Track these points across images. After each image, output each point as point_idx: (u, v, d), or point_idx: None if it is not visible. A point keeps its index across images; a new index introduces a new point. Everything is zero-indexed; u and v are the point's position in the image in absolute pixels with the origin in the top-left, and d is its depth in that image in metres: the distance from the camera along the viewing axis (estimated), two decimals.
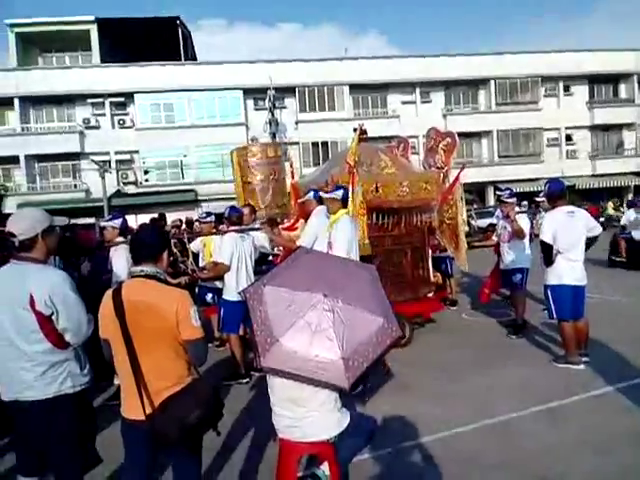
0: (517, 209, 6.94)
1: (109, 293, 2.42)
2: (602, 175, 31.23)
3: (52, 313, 2.42)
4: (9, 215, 2.66)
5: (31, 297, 2.37)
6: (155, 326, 2.31)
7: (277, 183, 7.24)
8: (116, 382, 5.02)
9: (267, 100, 27.39)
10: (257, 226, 5.96)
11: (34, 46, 28.68)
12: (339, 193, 5.07)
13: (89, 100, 27.37)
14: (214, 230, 6.56)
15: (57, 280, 2.48)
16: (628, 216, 11.40)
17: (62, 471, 2.58)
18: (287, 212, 7.31)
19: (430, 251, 6.80)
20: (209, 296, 6.71)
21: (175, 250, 6.54)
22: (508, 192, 6.71)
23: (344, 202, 5.11)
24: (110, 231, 5.41)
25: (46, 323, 2.42)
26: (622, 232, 11.41)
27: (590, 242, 5.14)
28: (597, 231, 5.15)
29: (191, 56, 31.85)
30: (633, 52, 31.27)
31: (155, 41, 27.47)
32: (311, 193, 5.38)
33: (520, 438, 3.69)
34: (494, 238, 7.01)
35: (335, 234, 4.82)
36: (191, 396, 2.34)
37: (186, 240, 6.24)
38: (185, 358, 2.42)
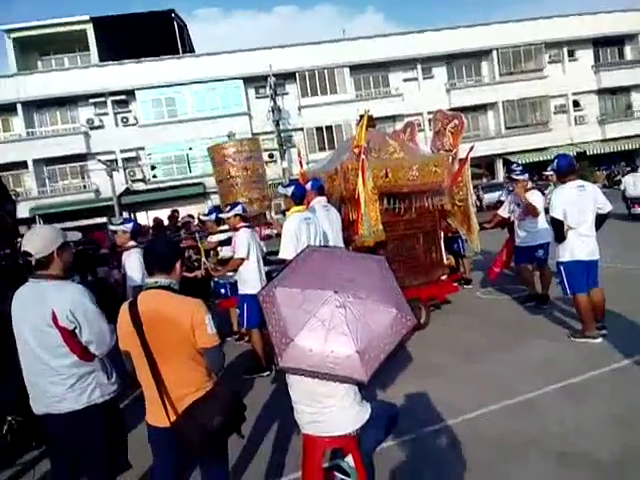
0: (530, 184, 6.84)
1: (125, 306, 2.47)
2: (612, 139, 30.85)
3: (75, 327, 2.48)
4: (23, 220, 2.72)
5: (53, 313, 2.43)
6: (172, 336, 2.36)
7: (253, 177, 7.36)
8: None
9: (268, 87, 27.26)
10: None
11: (32, 50, 28.78)
12: (289, 190, 4.99)
13: (91, 100, 27.60)
14: (218, 228, 6.61)
15: (77, 294, 2.53)
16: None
17: (94, 478, 2.67)
18: (265, 206, 7.49)
19: (442, 234, 6.76)
20: (222, 291, 6.80)
21: (188, 247, 6.60)
22: (519, 169, 6.64)
23: (297, 199, 5.02)
24: (121, 235, 5.41)
25: (70, 337, 2.48)
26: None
27: (601, 219, 5.07)
28: (607, 208, 5.07)
29: (189, 48, 31.75)
30: (638, 12, 30.54)
31: (151, 36, 27.45)
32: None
33: (544, 417, 3.71)
34: (501, 213, 6.95)
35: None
36: (213, 402, 2.40)
37: (198, 239, 6.28)
38: (204, 364, 2.47)
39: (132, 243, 5.31)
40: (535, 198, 6.44)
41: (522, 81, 30.18)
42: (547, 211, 6.04)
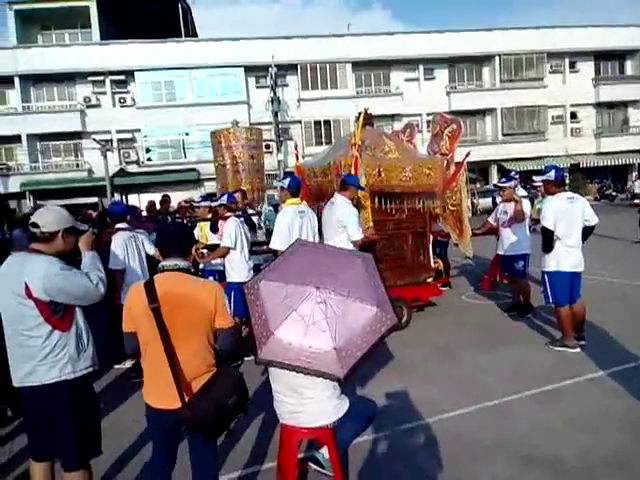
0: (521, 191, 6.95)
1: (140, 287, 2.43)
2: (606, 153, 31.00)
3: (50, 300, 2.47)
4: (12, 195, 2.71)
5: (26, 286, 2.43)
6: (194, 316, 2.39)
7: (257, 166, 7.44)
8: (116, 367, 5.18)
9: (269, 78, 27.08)
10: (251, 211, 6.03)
11: (33, 23, 28.25)
12: (285, 182, 5.10)
13: (89, 78, 27.16)
14: (209, 215, 6.64)
15: (48, 267, 2.48)
16: None
17: (65, 457, 2.65)
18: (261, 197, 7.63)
19: (432, 237, 6.82)
20: (210, 278, 6.81)
21: None
22: (505, 178, 6.78)
23: (293, 190, 5.11)
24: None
25: (45, 308, 2.47)
26: None
27: (587, 232, 5.16)
28: (594, 221, 5.15)
29: (191, 32, 31.41)
30: (639, 28, 30.74)
31: (154, 18, 27.09)
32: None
33: (516, 420, 3.79)
34: (490, 221, 7.03)
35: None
36: (226, 381, 2.45)
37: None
38: (213, 346, 2.51)
39: (120, 225, 5.30)
40: (522, 204, 6.49)
41: (522, 89, 30.19)
42: (535, 222, 6.14)
